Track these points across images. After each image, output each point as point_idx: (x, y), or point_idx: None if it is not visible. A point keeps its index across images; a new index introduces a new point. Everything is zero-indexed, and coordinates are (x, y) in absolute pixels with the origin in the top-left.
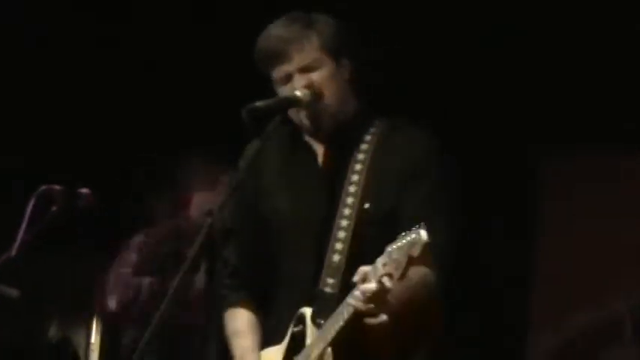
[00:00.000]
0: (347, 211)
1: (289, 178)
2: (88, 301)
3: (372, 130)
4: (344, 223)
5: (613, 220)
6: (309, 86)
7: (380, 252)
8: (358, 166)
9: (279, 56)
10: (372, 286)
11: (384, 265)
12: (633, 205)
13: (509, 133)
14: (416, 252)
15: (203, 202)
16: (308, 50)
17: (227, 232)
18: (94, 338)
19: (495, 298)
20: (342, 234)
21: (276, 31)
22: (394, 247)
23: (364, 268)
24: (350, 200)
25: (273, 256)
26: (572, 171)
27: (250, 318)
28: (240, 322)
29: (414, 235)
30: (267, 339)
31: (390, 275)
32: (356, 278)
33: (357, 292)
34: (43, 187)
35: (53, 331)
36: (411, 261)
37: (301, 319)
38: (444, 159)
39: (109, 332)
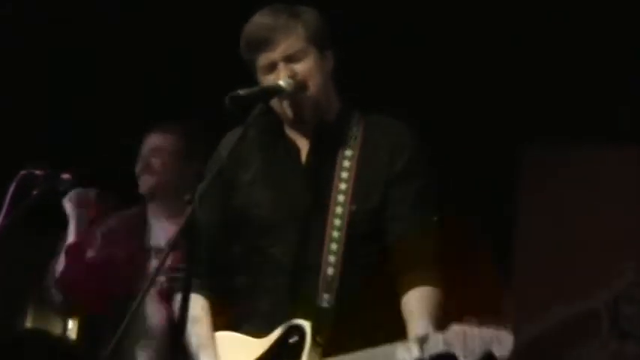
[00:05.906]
0: (339, 210)
1: (270, 173)
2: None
3: (358, 126)
4: (337, 222)
5: (593, 215)
6: (293, 76)
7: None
8: (347, 163)
9: (264, 43)
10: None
11: (447, 344)
12: (613, 199)
13: (492, 126)
14: (503, 352)
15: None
16: (294, 40)
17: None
18: (72, 323)
19: None
20: (335, 234)
21: (263, 19)
22: (469, 332)
23: (428, 333)
24: (342, 198)
25: (250, 248)
26: (552, 164)
27: (205, 303)
28: (197, 308)
29: (500, 333)
30: (235, 323)
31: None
32: (418, 332)
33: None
34: (24, 172)
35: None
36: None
37: (297, 331)
38: (426, 156)
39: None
